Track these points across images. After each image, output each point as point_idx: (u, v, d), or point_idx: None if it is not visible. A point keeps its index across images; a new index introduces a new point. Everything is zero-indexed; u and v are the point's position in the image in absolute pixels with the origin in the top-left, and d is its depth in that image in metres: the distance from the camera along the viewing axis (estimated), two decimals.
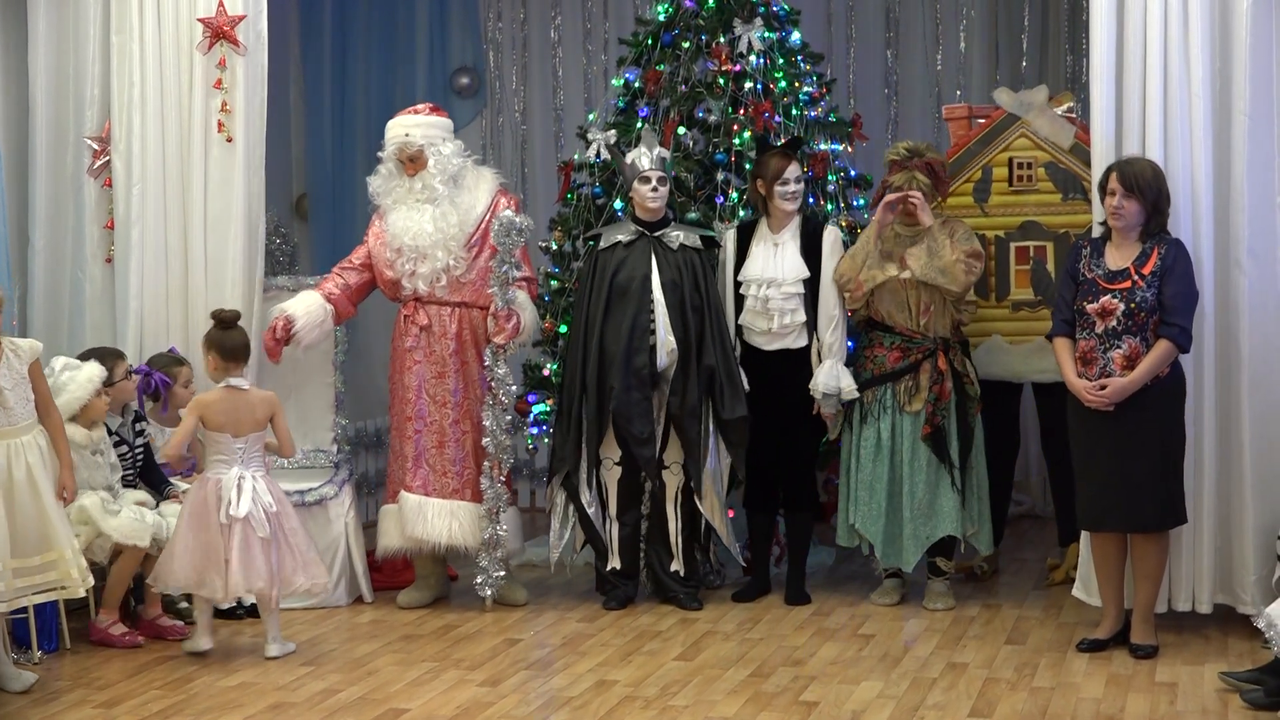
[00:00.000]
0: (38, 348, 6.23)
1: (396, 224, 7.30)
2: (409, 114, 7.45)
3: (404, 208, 7.30)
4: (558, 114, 10.12)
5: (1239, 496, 6.54)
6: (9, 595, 5.98)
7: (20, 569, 5.99)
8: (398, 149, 7.30)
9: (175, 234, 7.40)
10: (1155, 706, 5.71)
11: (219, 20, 7.31)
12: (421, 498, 7.24)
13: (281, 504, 6.59)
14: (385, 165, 7.38)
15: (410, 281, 7.29)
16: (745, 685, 6.05)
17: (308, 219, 10.43)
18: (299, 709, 5.89)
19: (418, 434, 7.29)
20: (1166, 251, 6.30)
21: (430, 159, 7.30)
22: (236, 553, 6.42)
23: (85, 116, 7.58)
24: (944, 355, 7.07)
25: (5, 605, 6.01)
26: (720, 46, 7.88)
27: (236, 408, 6.56)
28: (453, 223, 7.25)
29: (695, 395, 7.13)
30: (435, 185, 7.27)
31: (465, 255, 7.28)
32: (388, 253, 7.32)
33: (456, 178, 7.34)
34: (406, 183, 7.32)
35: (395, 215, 7.32)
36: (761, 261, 7.24)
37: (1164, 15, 6.50)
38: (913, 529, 7.05)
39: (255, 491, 6.49)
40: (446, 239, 7.23)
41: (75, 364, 6.74)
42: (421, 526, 7.21)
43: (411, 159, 7.30)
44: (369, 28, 10.35)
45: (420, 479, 7.27)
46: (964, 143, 7.53)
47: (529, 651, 6.65)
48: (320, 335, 7.40)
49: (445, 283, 7.28)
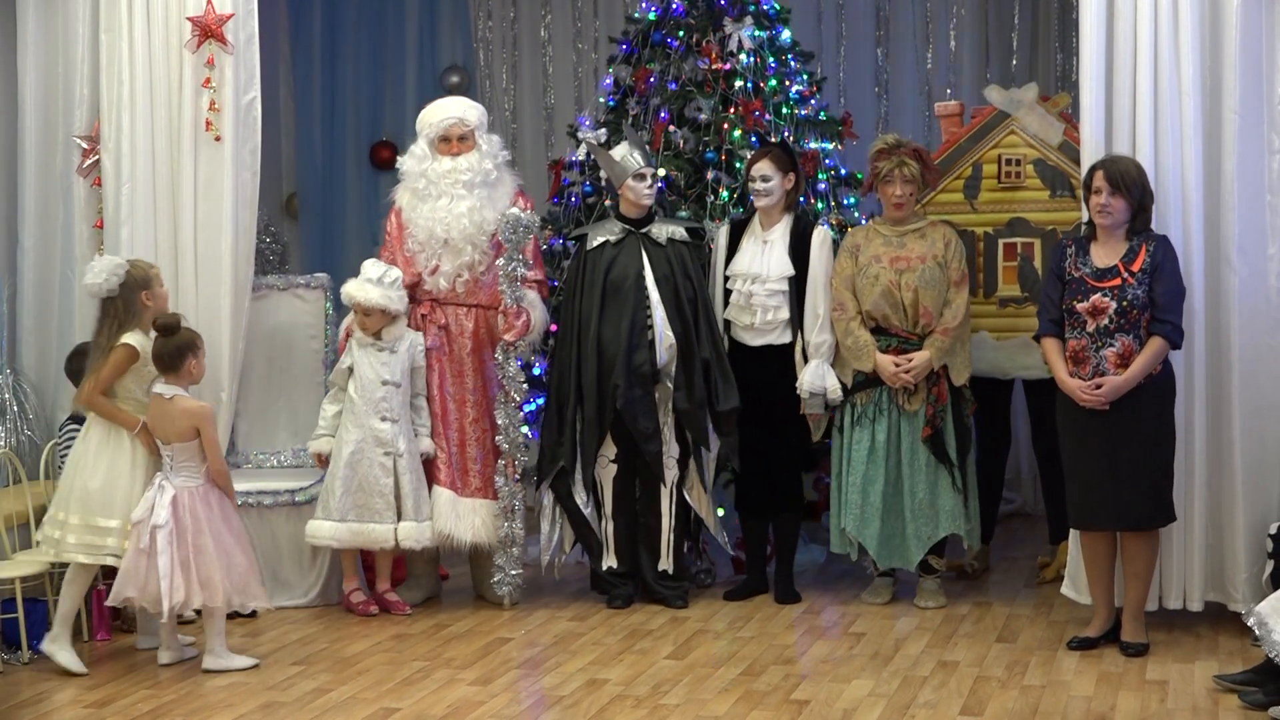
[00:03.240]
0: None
1: (428, 214, 7.25)
2: (449, 100, 7.52)
3: (436, 194, 7.25)
4: (548, 112, 10.13)
5: (1230, 494, 6.55)
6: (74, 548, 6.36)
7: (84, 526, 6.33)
8: (449, 127, 7.28)
9: (165, 233, 7.38)
10: (1146, 704, 5.71)
11: (208, 19, 7.30)
12: (452, 495, 7.26)
13: (199, 519, 6.34)
14: (419, 146, 7.36)
15: (431, 279, 7.27)
16: (736, 684, 6.05)
17: (297, 218, 10.43)
18: (290, 708, 5.88)
19: (443, 433, 7.30)
20: (1155, 249, 6.30)
21: (482, 143, 7.31)
22: (160, 561, 6.29)
23: (74, 115, 7.57)
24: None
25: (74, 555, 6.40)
26: (710, 44, 7.88)
27: (160, 415, 6.42)
28: (488, 217, 7.24)
29: (699, 387, 7.15)
30: (488, 167, 7.27)
31: (489, 252, 7.27)
32: (410, 244, 7.29)
33: (499, 169, 7.35)
34: (447, 163, 7.28)
35: (426, 205, 7.27)
36: (749, 257, 7.25)
37: (1154, 14, 6.50)
38: (914, 529, 7.04)
39: (171, 502, 6.32)
40: (479, 233, 7.22)
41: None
42: (453, 523, 7.22)
43: (461, 139, 7.29)
44: (359, 27, 10.35)
45: (448, 477, 7.28)
46: (955, 140, 7.54)
47: (520, 650, 6.65)
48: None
49: (466, 278, 7.26)
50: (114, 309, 6.47)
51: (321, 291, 7.80)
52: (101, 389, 6.41)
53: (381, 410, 7.12)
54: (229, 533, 6.43)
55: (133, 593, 6.32)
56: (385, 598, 7.30)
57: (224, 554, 6.36)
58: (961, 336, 7.02)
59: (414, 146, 7.40)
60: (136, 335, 6.45)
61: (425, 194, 7.29)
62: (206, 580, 6.31)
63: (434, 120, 7.35)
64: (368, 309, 7.13)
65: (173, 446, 6.39)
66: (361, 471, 7.10)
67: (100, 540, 6.37)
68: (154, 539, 6.28)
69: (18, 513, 6.95)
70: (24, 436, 7.51)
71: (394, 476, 7.12)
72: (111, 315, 6.48)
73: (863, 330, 7.04)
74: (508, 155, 7.53)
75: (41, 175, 7.66)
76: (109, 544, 6.37)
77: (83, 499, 6.41)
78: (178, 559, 6.28)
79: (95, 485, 6.41)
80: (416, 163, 7.35)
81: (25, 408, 7.56)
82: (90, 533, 6.38)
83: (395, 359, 7.16)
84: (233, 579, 6.37)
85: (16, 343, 7.71)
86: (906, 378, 6.95)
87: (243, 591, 6.42)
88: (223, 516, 6.42)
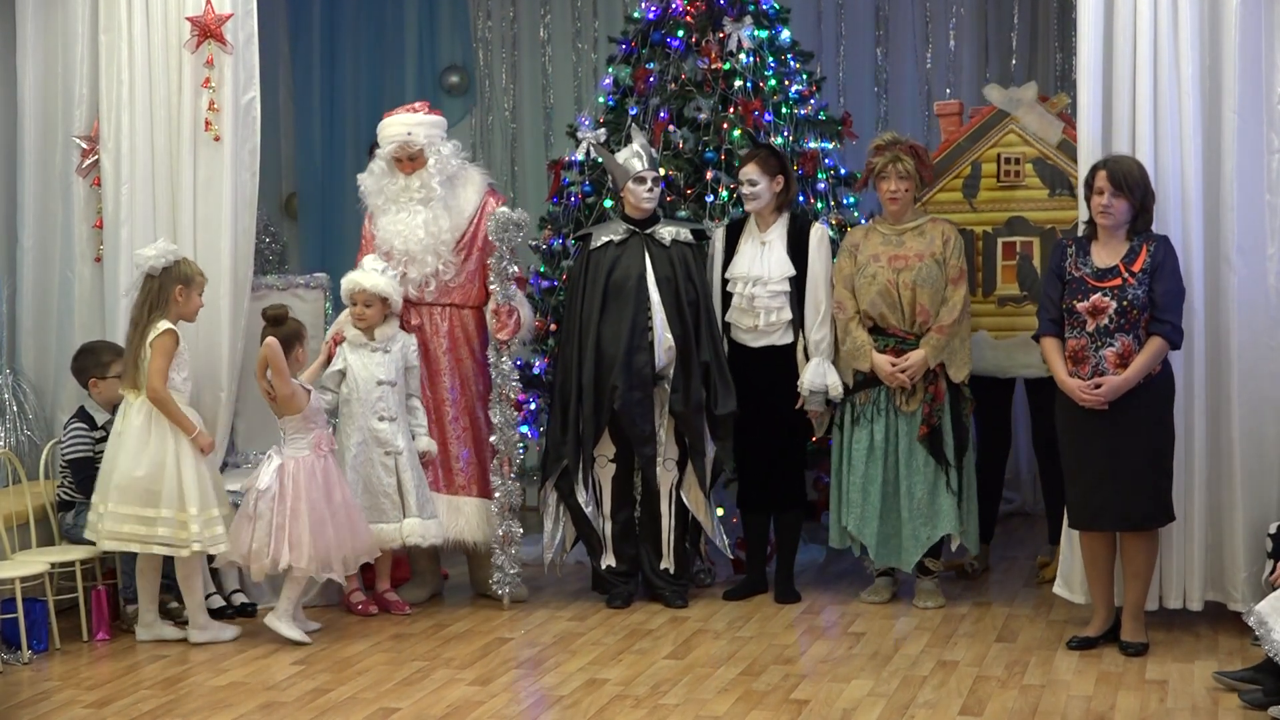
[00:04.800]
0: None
1: (387, 227, 7.29)
2: (405, 112, 7.42)
3: (394, 209, 7.29)
4: (547, 112, 10.11)
5: (1229, 493, 6.55)
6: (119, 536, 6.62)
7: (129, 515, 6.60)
8: (398, 147, 7.27)
9: (164, 233, 7.36)
10: (1146, 704, 5.71)
11: (207, 19, 7.29)
12: (435, 494, 7.28)
13: (300, 486, 6.72)
14: (378, 164, 7.36)
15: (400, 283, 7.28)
16: (736, 683, 6.05)
17: (297, 218, 10.43)
18: (289, 708, 5.88)
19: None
20: (1156, 249, 6.30)
21: (430, 159, 7.28)
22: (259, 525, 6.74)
23: (74, 115, 7.57)
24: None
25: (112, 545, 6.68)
26: (710, 44, 7.88)
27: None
28: (445, 227, 7.25)
29: (698, 391, 7.14)
30: (434, 185, 7.26)
31: (455, 260, 7.28)
32: (378, 252, 7.31)
33: (453, 178, 7.34)
34: (401, 181, 7.30)
35: (385, 218, 7.30)
36: (748, 259, 7.25)
37: (1153, 13, 6.50)
38: (912, 529, 7.04)
39: (278, 470, 6.75)
40: (437, 243, 7.23)
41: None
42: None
43: (411, 158, 7.28)
44: (358, 27, 10.34)
45: (430, 476, 7.30)
46: (955, 139, 7.54)
47: (519, 650, 6.65)
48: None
49: (434, 288, 7.28)
50: (150, 287, 6.78)
51: (321, 291, 7.81)
52: (164, 379, 6.65)
53: (379, 410, 7.13)
54: (327, 504, 6.73)
55: (236, 556, 6.73)
56: (385, 597, 7.30)
57: (318, 523, 6.68)
58: (959, 333, 7.01)
59: (373, 163, 7.40)
60: (168, 323, 6.73)
61: (384, 210, 7.33)
62: (296, 542, 6.65)
63: (386, 136, 7.34)
64: (370, 298, 7.13)
65: (282, 420, 6.79)
66: (365, 473, 7.11)
67: (149, 530, 6.61)
68: (257, 504, 6.69)
69: (17, 513, 6.96)
70: (23, 436, 7.52)
71: (396, 475, 7.13)
72: (146, 292, 6.79)
73: (860, 330, 7.04)
74: (463, 158, 7.46)
75: (41, 175, 7.66)
76: (159, 533, 6.62)
77: (125, 488, 6.61)
78: (275, 523, 6.66)
79: (140, 474, 6.63)
80: (375, 181, 7.37)
81: (25, 408, 7.57)
82: (134, 522, 6.60)
83: (389, 358, 7.18)
84: (317, 548, 6.67)
85: (16, 343, 7.71)
86: (903, 378, 6.94)
87: (324, 563, 6.72)
88: (325, 488, 6.78)
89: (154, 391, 6.63)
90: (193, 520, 6.61)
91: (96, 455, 6.98)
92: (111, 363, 7.02)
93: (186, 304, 6.80)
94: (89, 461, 6.99)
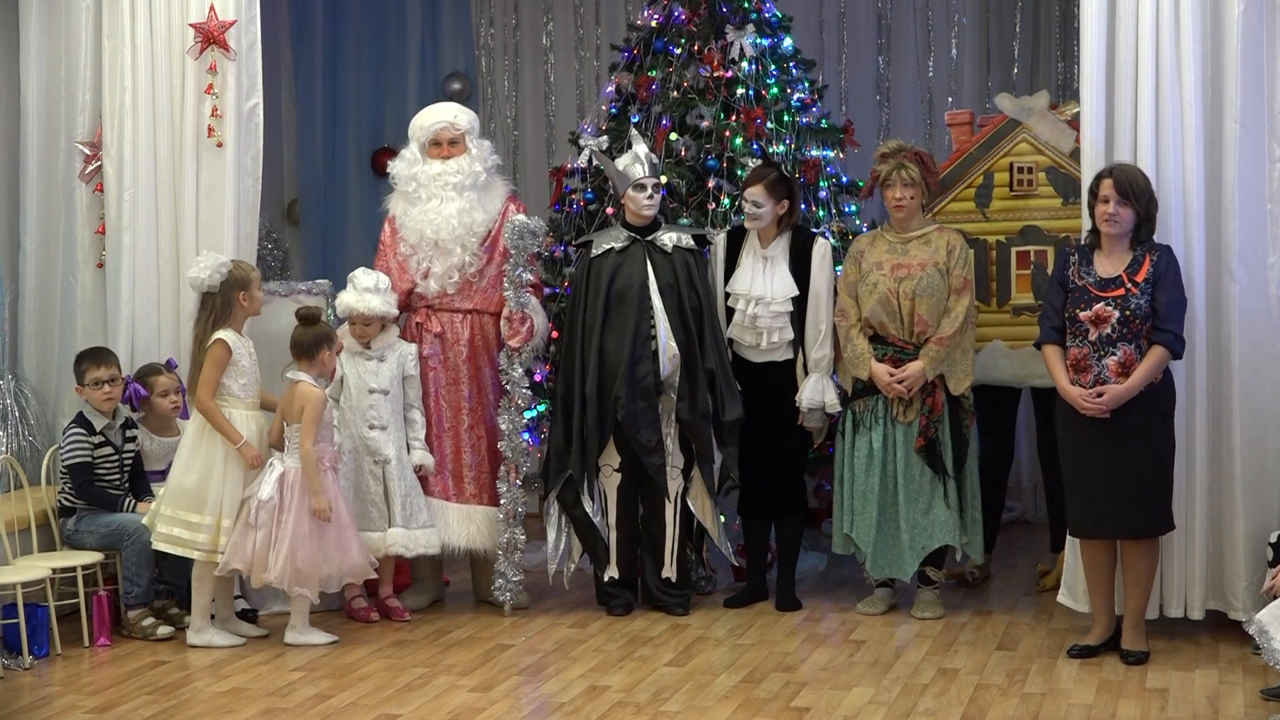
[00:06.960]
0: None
1: (417, 217, 7.29)
2: (441, 105, 7.59)
3: (426, 196, 7.29)
4: (549, 119, 10.13)
5: (1230, 502, 6.55)
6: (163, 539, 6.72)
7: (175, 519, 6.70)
8: (439, 131, 7.32)
9: (167, 239, 7.39)
10: (1146, 712, 5.71)
11: (210, 25, 7.30)
12: (443, 502, 7.29)
13: (297, 497, 6.69)
14: (410, 150, 7.40)
15: (423, 283, 7.28)
16: (737, 691, 6.05)
17: (299, 224, 10.44)
18: (290, 714, 5.88)
19: (438, 440, 7.32)
20: (1159, 259, 6.30)
21: (473, 148, 7.33)
22: (257, 535, 6.72)
23: (77, 121, 7.57)
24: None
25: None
26: (712, 52, 7.89)
27: (288, 397, 6.81)
28: (478, 220, 7.27)
29: (703, 399, 7.14)
30: (478, 169, 7.31)
31: (481, 255, 7.28)
32: (403, 248, 7.31)
33: (489, 173, 7.38)
34: (436, 166, 7.31)
35: (416, 208, 7.31)
36: (750, 277, 7.21)
37: (1155, 22, 6.50)
38: (909, 539, 7.02)
39: (278, 479, 6.71)
40: (468, 234, 7.25)
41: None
42: (443, 530, 7.26)
43: (452, 142, 7.32)
44: (360, 34, 10.37)
45: (440, 484, 7.29)
46: (966, 148, 7.54)
47: (521, 657, 6.64)
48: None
49: (457, 280, 7.28)
50: (212, 304, 6.82)
51: (323, 297, 7.79)
52: (211, 390, 6.70)
53: (369, 418, 7.14)
54: (319, 519, 6.72)
55: (238, 564, 6.70)
56: (386, 604, 7.30)
57: (301, 537, 6.66)
58: (960, 345, 6.99)
59: (405, 151, 7.43)
60: (229, 332, 6.77)
61: (415, 197, 7.33)
62: (276, 554, 6.66)
63: (425, 124, 7.39)
64: (369, 318, 7.15)
65: (292, 427, 6.76)
66: (355, 481, 7.13)
67: (192, 535, 6.71)
68: (257, 513, 6.67)
69: (19, 518, 6.96)
70: (25, 442, 7.52)
71: (384, 483, 7.13)
72: (209, 309, 6.82)
73: (861, 338, 7.03)
74: (498, 160, 7.53)
75: (44, 181, 7.67)
76: (200, 539, 6.70)
77: (176, 493, 6.74)
78: (274, 534, 6.67)
79: (190, 483, 6.73)
80: (407, 166, 7.39)
81: (27, 413, 7.57)
82: (181, 526, 6.71)
83: (384, 367, 7.18)
84: (294, 562, 6.66)
85: (18, 348, 7.72)
86: (900, 388, 6.94)
87: (299, 578, 6.69)
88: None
89: (199, 402, 6.72)
90: (224, 532, 6.70)
91: (95, 460, 6.98)
92: (88, 369, 7.02)
93: (251, 305, 6.88)
94: (88, 467, 6.98)
